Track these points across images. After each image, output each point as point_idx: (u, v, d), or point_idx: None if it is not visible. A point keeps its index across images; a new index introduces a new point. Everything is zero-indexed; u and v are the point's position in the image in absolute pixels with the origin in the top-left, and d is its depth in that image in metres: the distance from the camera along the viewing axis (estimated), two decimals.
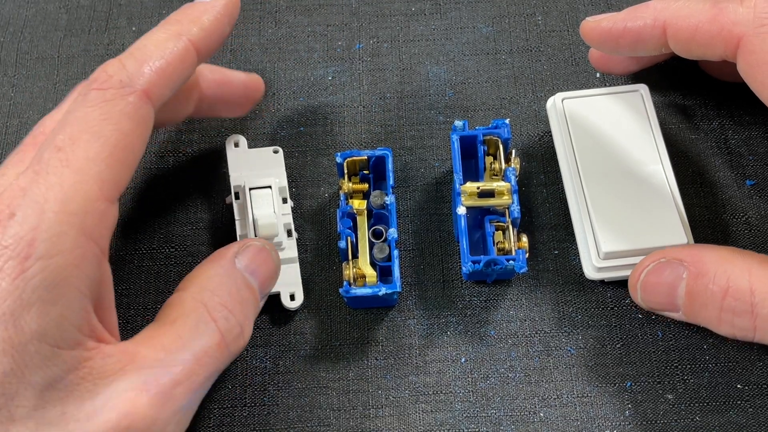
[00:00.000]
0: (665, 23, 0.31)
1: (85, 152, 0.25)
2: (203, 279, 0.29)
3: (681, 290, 0.30)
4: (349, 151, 0.34)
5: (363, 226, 0.33)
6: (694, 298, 0.30)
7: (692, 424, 0.32)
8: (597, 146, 0.35)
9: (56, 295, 0.24)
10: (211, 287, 0.28)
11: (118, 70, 0.27)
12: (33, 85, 0.40)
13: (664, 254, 0.30)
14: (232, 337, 0.28)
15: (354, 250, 0.33)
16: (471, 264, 0.32)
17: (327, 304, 0.35)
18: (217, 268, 0.29)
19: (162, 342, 0.26)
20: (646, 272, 0.31)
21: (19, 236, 0.24)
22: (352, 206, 0.33)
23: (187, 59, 0.29)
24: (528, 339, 0.34)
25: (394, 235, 0.32)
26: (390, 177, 0.33)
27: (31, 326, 0.23)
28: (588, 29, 0.33)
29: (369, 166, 0.34)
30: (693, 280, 0.29)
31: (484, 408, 0.32)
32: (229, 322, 0.28)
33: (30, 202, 0.24)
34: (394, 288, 0.31)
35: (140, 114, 0.27)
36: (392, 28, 0.41)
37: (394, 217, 0.33)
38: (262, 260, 0.30)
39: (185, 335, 0.27)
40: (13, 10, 0.42)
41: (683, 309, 0.30)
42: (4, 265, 0.23)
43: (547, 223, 0.36)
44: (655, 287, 0.31)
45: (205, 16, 0.30)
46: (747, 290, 0.28)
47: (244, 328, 0.29)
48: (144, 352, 0.26)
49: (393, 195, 0.33)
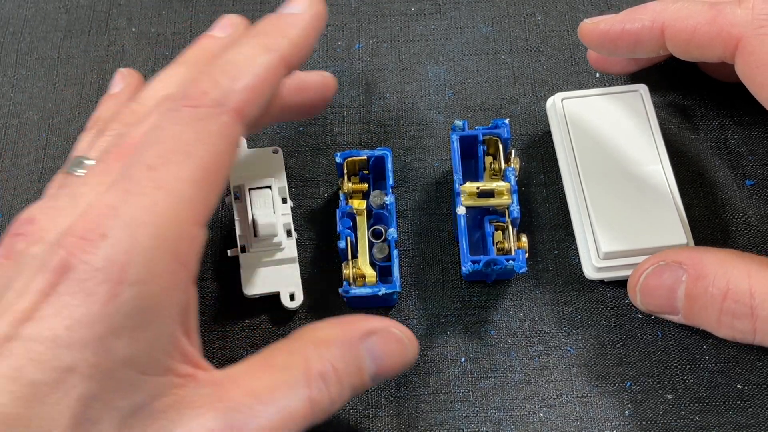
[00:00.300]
0: (663, 25, 0.31)
1: (177, 173, 0.24)
2: (321, 339, 0.27)
3: (680, 293, 0.30)
4: (349, 151, 0.34)
5: (363, 226, 0.33)
6: (693, 301, 0.29)
7: (692, 424, 0.32)
8: (597, 146, 0.35)
9: (147, 321, 0.23)
10: (322, 351, 0.27)
11: (211, 87, 0.26)
12: (33, 85, 0.40)
13: (663, 257, 0.30)
14: (318, 409, 0.26)
15: (354, 250, 0.33)
16: (471, 264, 0.32)
17: (327, 304, 0.35)
18: (341, 336, 0.28)
19: (254, 386, 0.25)
20: (646, 275, 0.30)
21: (111, 259, 0.23)
22: (352, 206, 0.33)
23: (277, 74, 0.28)
24: (528, 339, 0.34)
25: (394, 235, 0.32)
26: (389, 177, 0.33)
27: (121, 352, 0.23)
28: (586, 31, 0.33)
29: (368, 166, 0.34)
30: (692, 282, 0.29)
31: (484, 408, 0.32)
32: (321, 395, 0.26)
33: (122, 223, 0.23)
34: (393, 288, 0.31)
35: (232, 134, 0.26)
36: (392, 28, 0.41)
37: (394, 217, 0.33)
38: (392, 351, 0.28)
39: (278, 390, 0.26)
40: (12, 10, 0.42)
41: (683, 312, 0.30)
42: (95, 288, 0.23)
43: (547, 223, 0.36)
44: (655, 290, 0.30)
45: (293, 29, 0.28)
46: (746, 292, 0.28)
47: (333, 406, 0.27)
48: (234, 392, 0.25)
49: (392, 195, 0.33)
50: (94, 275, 0.23)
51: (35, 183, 0.38)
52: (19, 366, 0.22)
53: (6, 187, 0.38)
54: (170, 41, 0.41)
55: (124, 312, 0.23)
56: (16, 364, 0.22)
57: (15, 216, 0.37)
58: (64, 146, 0.39)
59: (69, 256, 0.23)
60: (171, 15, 0.42)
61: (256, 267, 0.33)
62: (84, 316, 0.22)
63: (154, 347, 0.24)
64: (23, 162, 0.38)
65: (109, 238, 0.23)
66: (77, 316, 0.22)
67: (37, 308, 0.23)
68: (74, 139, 0.39)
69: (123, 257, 0.23)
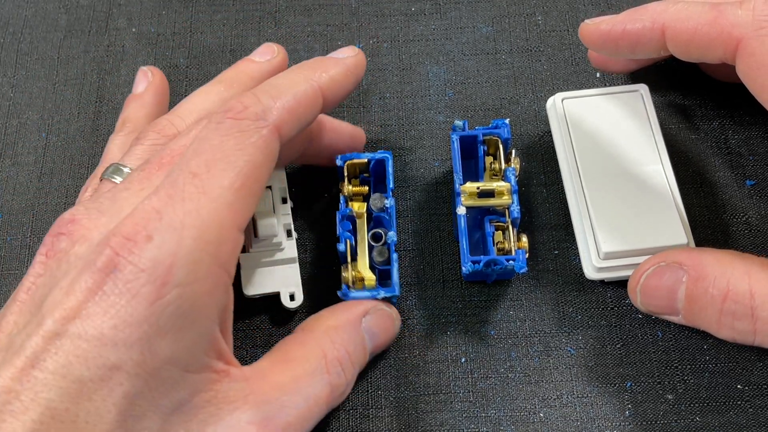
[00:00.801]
0: (664, 25, 0.31)
1: (220, 181, 0.26)
2: (329, 327, 0.30)
3: (681, 294, 0.30)
4: (350, 154, 0.33)
5: (363, 229, 0.33)
6: (694, 302, 0.29)
7: (692, 424, 0.32)
8: (597, 146, 0.35)
9: (190, 322, 0.24)
10: (334, 338, 0.29)
11: (253, 102, 0.27)
12: (33, 85, 0.40)
13: (664, 257, 0.30)
14: (338, 393, 0.29)
15: (353, 253, 0.32)
16: (471, 264, 0.32)
17: (327, 304, 0.34)
18: (345, 321, 0.30)
19: (279, 379, 0.27)
20: (646, 276, 0.31)
21: (157, 261, 0.24)
22: (352, 209, 0.33)
23: (316, 102, 0.30)
24: (528, 339, 0.34)
25: (394, 239, 0.32)
26: (390, 180, 0.33)
27: (165, 352, 0.24)
28: (587, 32, 0.33)
29: (369, 169, 0.34)
30: (693, 283, 0.29)
31: (484, 408, 0.32)
32: (340, 378, 0.29)
33: (167, 226, 0.24)
34: (392, 292, 0.31)
35: (270, 148, 0.27)
36: (392, 28, 0.41)
37: (394, 220, 0.33)
38: (385, 327, 0.32)
39: (301, 380, 0.28)
40: (12, 10, 0.42)
41: (683, 312, 0.30)
42: (141, 289, 0.23)
43: (547, 223, 0.36)
44: (655, 291, 0.30)
45: (334, 69, 0.31)
46: (747, 293, 0.28)
47: (348, 387, 0.30)
48: (263, 386, 0.27)
49: (393, 198, 0.33)
50: (140, 276, 0.23)
51: (35, 183, 0.38)
52: (67, 363, 0.23)
53: (6, 187, 0.38)
54: (170, 41, 0.41)
55: (169, 312, 0.24)
56: (64, 360, 0.23)
57: (15, 216, 0.37)
58: (63, 146, 0.39)
59: (115, 256, 0.24)
60: (171, 15, 0.42)
61: (256, 267, 0.33)
62: (130, 316, 0.23)
63: (195, 346, 0.25)
64: (23, 162, 0.38)
65: (155, 240, 0.24)
66: (123, 316, 0.23)
67: (84, 306, 0.23)
68: (74, 139, 0.39)
69: (168, 259, 0.24)
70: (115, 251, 0.24)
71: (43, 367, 0.23)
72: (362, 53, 0.33)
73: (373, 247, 0.33)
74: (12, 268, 0.36)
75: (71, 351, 0.23)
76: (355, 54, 0.32)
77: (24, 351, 0.23)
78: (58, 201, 0.37)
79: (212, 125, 0.27)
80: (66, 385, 0.23)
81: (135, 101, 0.36)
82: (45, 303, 0.24)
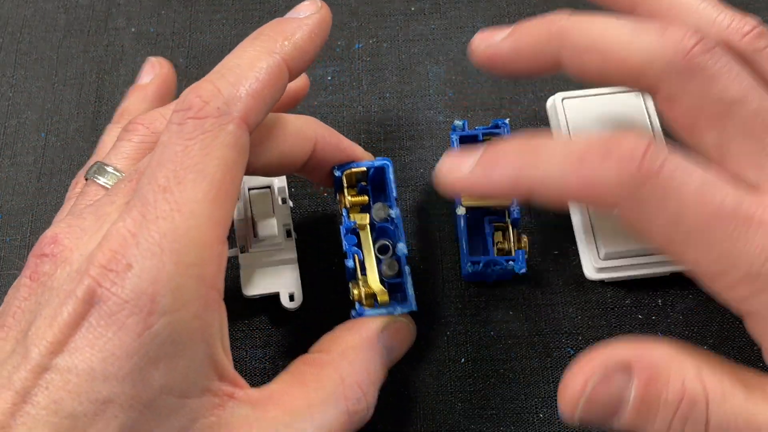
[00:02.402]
0: (530, 188, 0.27)
1: (193, 193, 0.24)
2: (345, 348, 0.28)
3: (627, 399, 0.25)
4: (348, 164, 0.31)
5: (368, 242, 0.31)
6: (643, 407, 0.25)
7: None
8: None
9: (182, 348, 0.23)
10: (351, 359, 0.28)
11: (214, 95, 0.25)
12: (32, 85, 0.40)
13: (605, 356, 0.25)
14: (357, 418, 0.27)
15: (362, 268, 0.30)
16: (471, 264, 0.32)
17: (327, 304, 0.34)
18: (361, 341, 0.28)
19: (292, 404, 0.26)
20: (594, 384, 0.25)
21: (139, 290, 0.23)
22: (356, 222, 0.31)
23: (281, 77, 0.27)
24: (528, 339, 0.34)
25: (404, 251, 0.30)
26: (393, 189, 0.31)
27: (159, 381, 0.23)
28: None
29: (368, 177, 0.32)
30: (644, 386, 0.25)
31: (484, 408, 0.32)
32: (360, 404, 0.27)
33: (146, 252, 0.23)
34: (410, 307, 0.30)
35: (240, 143, 0.25)
36: (391, 27, 0.41)
37: (402, 230, 0.31)
38: (402, 338, 0.30)
39: (315, 406, 0.26)
40: (11, 10, 0.42)
41: (626, 418, 0.25)
42: (126, 320, 0.22)
43: (547, 223, 0.36)
44: (601, 399, 0.25)
45: (298, 32, 0.28)
46: (702, 396, 0.24)
47: (369, 409, 0.28)
48: (273, 412, 0.25)
49: (397, 207, 0.31)
50: (124, 307, 0.23)
51: (34, 183, 0.38)
52: (59, 398, 0.22)
53: (5, 187, 0.38)
54: (169, 41, 0.41)
55: (159, 342, 0.23)
56: (55, 396, 0.22)
57: (14, 216, 0.37)
58: (63, 146, 0.39)
59: (97, 286, 0.23)
60: (170, 15, 0.42)
61: (255, 267, 0.33)
62: (118, 348, 0.22)
63: (191, 371, 0.24)
64: (22, 162, 0.38)
65: (134, 269, 0.23)
66: (111, 349, 0.22)
67: (69, 339, 0.23)
68: (73, 138, 0.39)
69: (151, 288, 0.23)
70: (96, 281, 0.23)
71: (35, 402, 0.22)
72: (326, 6, 0.29)
73: (381, 260, 0.31)
74: (11, 268, 0.36)
75: (61, 386, 0.22)
76: (317, 9, 0.29)
77: (13, 385, 0.22)
78: (57, 201, 0.37)
79: (174, 128, 0.25)
80: (58, 421, 0.22)
81: (137, 92, 0.34)
82: (30, 332, 0.23)
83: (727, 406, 0.24)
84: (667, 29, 0.26)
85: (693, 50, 0.26)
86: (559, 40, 0.28)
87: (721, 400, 0.24)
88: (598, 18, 0.28)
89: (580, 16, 0.28)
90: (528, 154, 0.26)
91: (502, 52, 0.29)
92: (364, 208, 0.32)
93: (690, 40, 0.26)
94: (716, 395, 0.24)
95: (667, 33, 0.26)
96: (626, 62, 0.27)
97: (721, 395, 0.24)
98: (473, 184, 0.27)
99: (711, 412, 0.24)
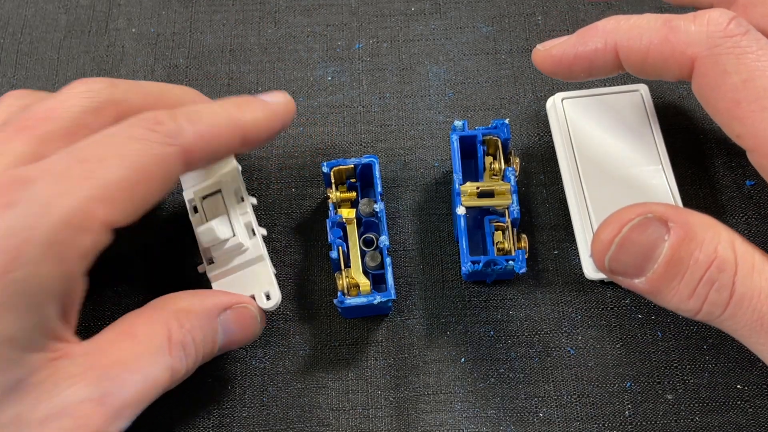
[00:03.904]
0: (616, 45, 0.29)
1: (107, 173, 0.25)
2: (181, 309, 0.29)
3: (659, 253, 0.26)
4: (336, 160, 0.33)
5: (354, 235, 0.33)
6: (674, 264, 0.26)
7: (692, 424, 0.32)
8: (597, 146, 0.35)
9: (33, 302, 0.24)
10: (183, 321, 0.28)
11: (169, 120, 0.27)
12: (32, 85, 0.40)
13: (648, 209, 0.26)
14: (177, 377, 0.28)
15: (346, 259, 0.32)
16: (470, 264, 0.32)
17: (326, 304, 0.35)
18: (200, 308, 0.29)
19: (120, 355, 0.26)
20: (630, 227, 0.26)
21: (13, 231, 0.23)
22: (342, 216, 0.32)
23: (232, 138, 0.29)
24: (528, 339, 0.34)
25: (386, 243, 0.32)
26: (378, 184, 0.33)
27: (7, 330, 0.23)
28: (539, 59, 0.32)
29: (356, 174, 0.34)
30: (678, 243, 0.26)
31: (483, 408, 0.32)
32: (181, 364, 0.28)
33: (35, 199, 0.24)
34: (388, 296, 0.31)
35: (171, 167, 0.27)
36: (392, 27, 0.41)
37: (385, 224, 0.33)
38: (245, 325, 0.30)
39: (142, 358, 0.27)
40: (12, 11, 0.42)
41: (653, 275, 0.26)
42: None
43: (547, 223, 0.36)
44: (634, 246, 0.26)
45: (259, 112, 0.30)
46: (732, 263, 0.26)
47: (186, 374, 0.29)
48: (103, 361, 0.26)
49: (382, 202, 0.33)
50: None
51: None
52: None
53: None
54: (170, 41, 0.41)
55: (13, 290, 0.23)
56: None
57: None
58: None
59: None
60: (171, 15, 0.42)
61: (224, 276, 0.32)
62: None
63: (37, 327, 0.24)
64: None
65: (18, 209, 0.23)
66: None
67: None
68: None
69: (25, 233, 0.23)
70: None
71: None
72: (292, 101, 0.32)
73: (365, 252, 0.32)
74: None
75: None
76: (284, 101, 0.32)
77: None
78: None
79: (124, 126, 0.27)
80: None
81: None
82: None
83: (755, 279, 0.25)
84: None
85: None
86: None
87: (749, 271, 0.25)
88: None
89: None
90: (618, 19, 0.30)
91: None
92: (354, 202, 0.34)
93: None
94: (746, 266, 0.26)
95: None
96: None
97: (750, 267, 0.26)
98: (571, 45, 0.30)
99: (738, 281, 0.25)
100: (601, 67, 0.30)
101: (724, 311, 0.26)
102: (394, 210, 0.36)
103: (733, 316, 0.26)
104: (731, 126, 0.28)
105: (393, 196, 0.37)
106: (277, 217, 0.36)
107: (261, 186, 0.37)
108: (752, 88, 0.26)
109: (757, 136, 0.27)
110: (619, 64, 0.30)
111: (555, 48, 0.31)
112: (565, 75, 0.32)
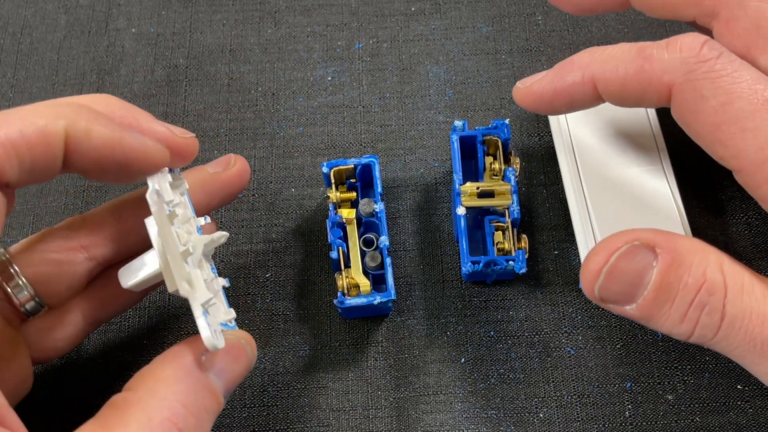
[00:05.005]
0: (594, 78, 0.29)
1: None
2: (155, 382, 0.25)
3: (648, 280, 0.26)
4: (336, 161, 0.33)
5: (354, 235, 0.33)
6: (663, 290, 0.26)
7: (692, 424, 0.32)
8: (597, 146, 0.35)
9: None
10: (162, 395, 0.24)
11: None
12: (32, 85, 0.40)
13: (634, 236, 0.27)
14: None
15: (346, 259, 0.32)
16: (471, 264, 0.32)
17: (326, 304, 0.35)
18: (175, 371, 0.25)
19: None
20: (617, 256, 0.26)
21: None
22: (342, 216, 0.32)
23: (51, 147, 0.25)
24: (528, 339, 0.34)
25: (386, 243, 0.32)
26: (378, 184, 0.33)
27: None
28: (520, 96, 0.31)
29: (356, 174, 0.34)
30: (666, 269, 0.26)
31: (484, 408, 0.32)
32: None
33: None
34: (388, 296, 0.31)
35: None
36: (392, 27, 0.41)
37: (385, 224, 0.33)
38: (235, 356, 0.27)
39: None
40: (12, 11, 0.42)
41: (643, 301, 0.26)
42: None
43: (547, 223, 0.36)
44: (623, 274, 0.26)
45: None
46: (721, 285, 0.26)
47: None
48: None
49: (382, 202, 0.33)
50: None
51: (35, 185, 0.38)
52: None
53: None
54: (170, 41, 0.41)
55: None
56: None
57: (16, 218, 0.37)
58: None
59: None
60: (170, 15, 0.42)
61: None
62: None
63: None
64: None
65: None
66: None
67: None
68: None
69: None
70: None
71: None
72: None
73: (365, 252, 0.32)
74: None
75: None
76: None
77: None
78: (58, 203, 0.37)
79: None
80: None
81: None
82: None
83: (745, 300, 0.25)
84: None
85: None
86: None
87: (739, 292, 0.25)
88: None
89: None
90: (593, 51, 0.30)
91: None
92: (354, 203, 0.34)
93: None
94: (735, 288, 0.26)
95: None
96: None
97: (740, 288, 0.26)
98: (550, 81, 0.30)
99: (728, 303, 0.25)
100: (581, 100, 0.30)
101: (717, 334, 0.26)
102: (394, 210, 0.36)
103: (725, 338, 0.26)
104: (714, 149, 0.28)
105: (393, 196, 0.37)
106: (277, 218, 0.36)
107: (261, 186, 0.37)
108: (730, 111, 0.26)
109: (740, 158, 0.27)
110: (598, 96, 0.30)
111: (535, 85, 0.31)
112: (547, 110, 0.31)
